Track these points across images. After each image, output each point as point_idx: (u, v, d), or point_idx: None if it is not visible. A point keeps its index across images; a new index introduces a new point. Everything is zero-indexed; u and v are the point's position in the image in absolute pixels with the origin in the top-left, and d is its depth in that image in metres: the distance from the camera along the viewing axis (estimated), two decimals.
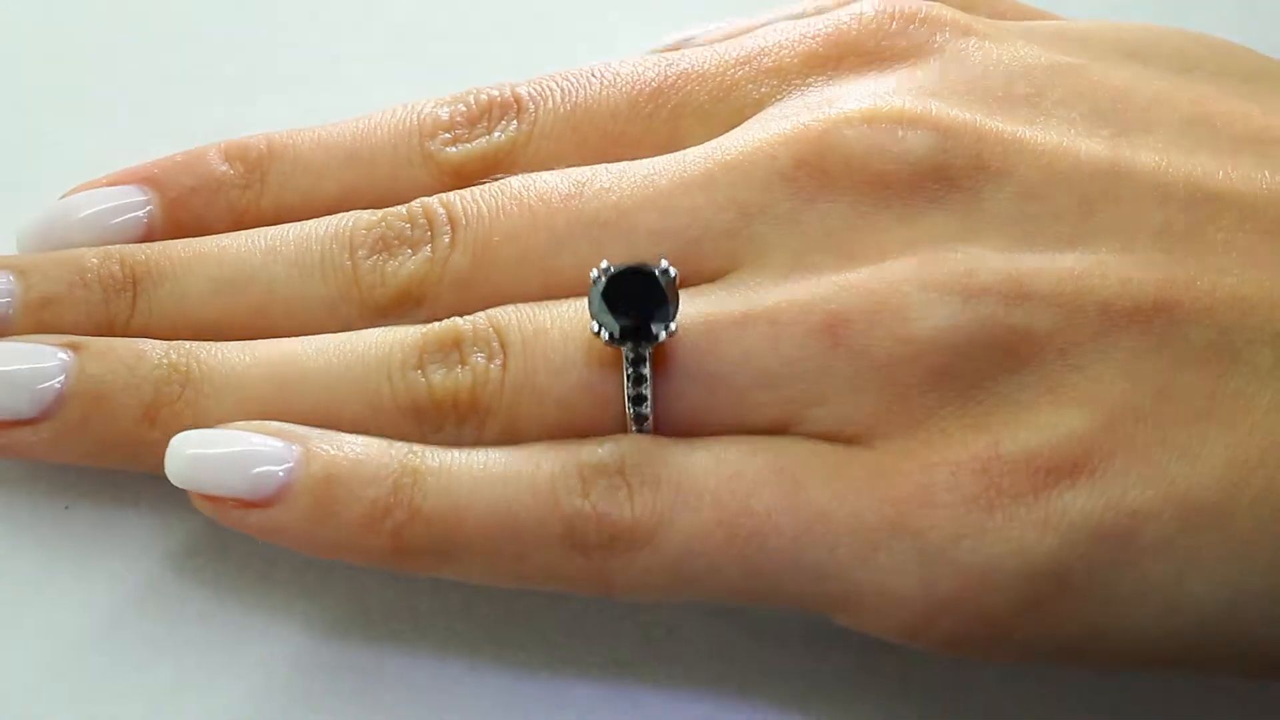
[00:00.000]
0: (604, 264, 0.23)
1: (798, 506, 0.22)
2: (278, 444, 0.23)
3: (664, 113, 0.26)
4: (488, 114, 0.27)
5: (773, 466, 0.23)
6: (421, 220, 0.25)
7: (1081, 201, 0.23)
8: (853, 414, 0.23)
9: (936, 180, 0.23)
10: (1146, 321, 0.22)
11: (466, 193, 0.25)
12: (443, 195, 0.26)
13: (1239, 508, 0.21)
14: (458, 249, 0.25)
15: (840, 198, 0.23)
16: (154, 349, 0.24)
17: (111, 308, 0.25)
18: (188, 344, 0.25)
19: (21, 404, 0.24)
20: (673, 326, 0.22)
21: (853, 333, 0.22)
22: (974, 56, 0.25)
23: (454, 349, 0.24)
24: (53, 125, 0.30)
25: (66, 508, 0.26)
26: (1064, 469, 0.22)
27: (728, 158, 0.24)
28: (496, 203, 0.25)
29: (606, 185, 0.25)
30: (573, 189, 0.25)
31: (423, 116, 0.27)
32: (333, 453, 0.23)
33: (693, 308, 0.23)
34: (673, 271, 0.23)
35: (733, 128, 0.25)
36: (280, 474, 0.23)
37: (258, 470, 0.23)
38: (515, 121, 0.26)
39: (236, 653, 0.25)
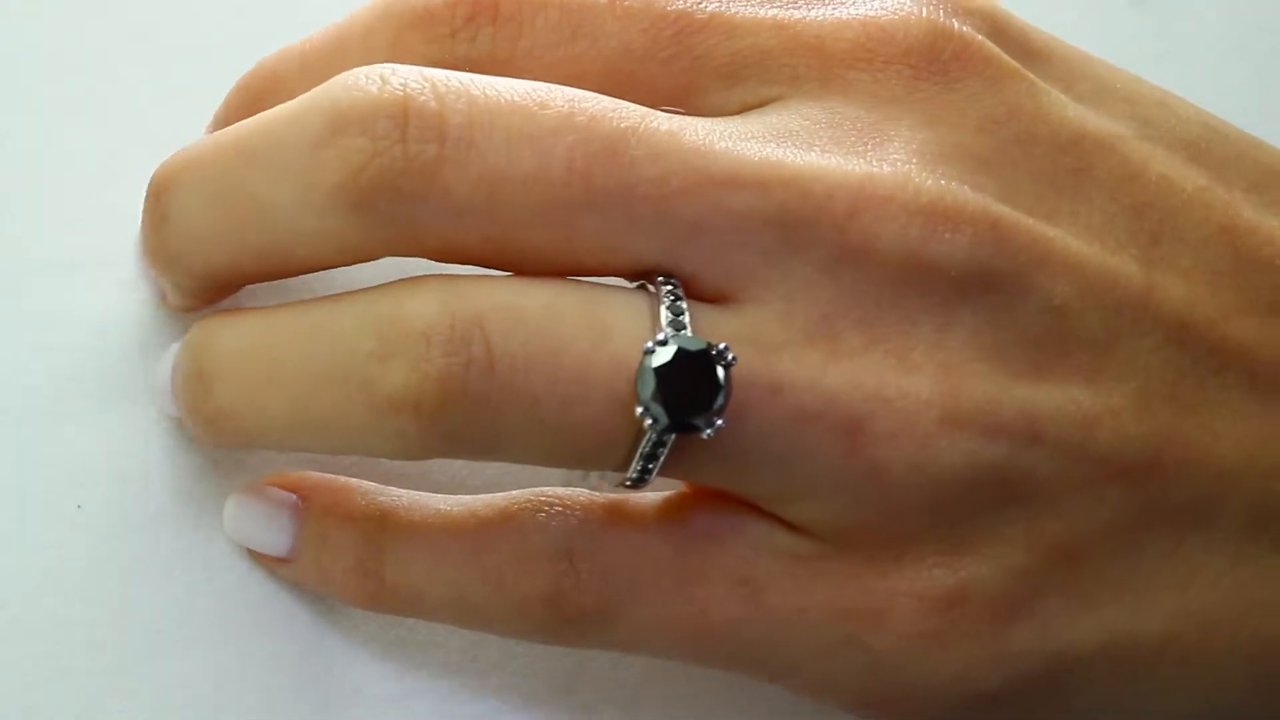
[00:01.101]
0: (660, 335, 0.21)
1: (754, 617, 0.23)
2: (283, 503, 0.25)
3: (684, 60, 0.23)
4: (453, 13, 0.23)
5: (736, 575, 0.23)
6: (399, 116, 0.21)
7: (1108, 330, 0.23)
8: (843, 518, 0.23)
9: (979, 282, 0.22)
10: (1137, 479, 0.23)
11: (479, 91, 0.22)
12: (446, 84, 0.21)
13: (1166, 660, 0.23)
14: (455, 168, 0.21)
15: (882, 269, 0.22)
16: (185, 341, 0.25)
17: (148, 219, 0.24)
18: (202, 332, 0.24)
19: None
20: (720, 424, 0.21)
21: (872, 444, 0.22)
22: (1025, 106, 0.24)
23: (421, 341, 0.21)
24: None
25: (79, 507, 0.26)
26: (1022, 611, 0.23)
27: (784, 172, 0.22)
28: (518, 125, 0.21)
29: (655, 149, 0.22)
30: (617, 138, 0.21)
31: (390, 15, 0.24)
32: (317, 515, 0.25)
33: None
34: (731, 356, 0.21)
35: (759, 97, 0.23)
36: (286, 538, 0.25)
37: (269, 534, 0.25)
38: (492, 31, 0.23)
39: (246, 650, 0.25)
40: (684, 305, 0.22)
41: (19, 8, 0.29)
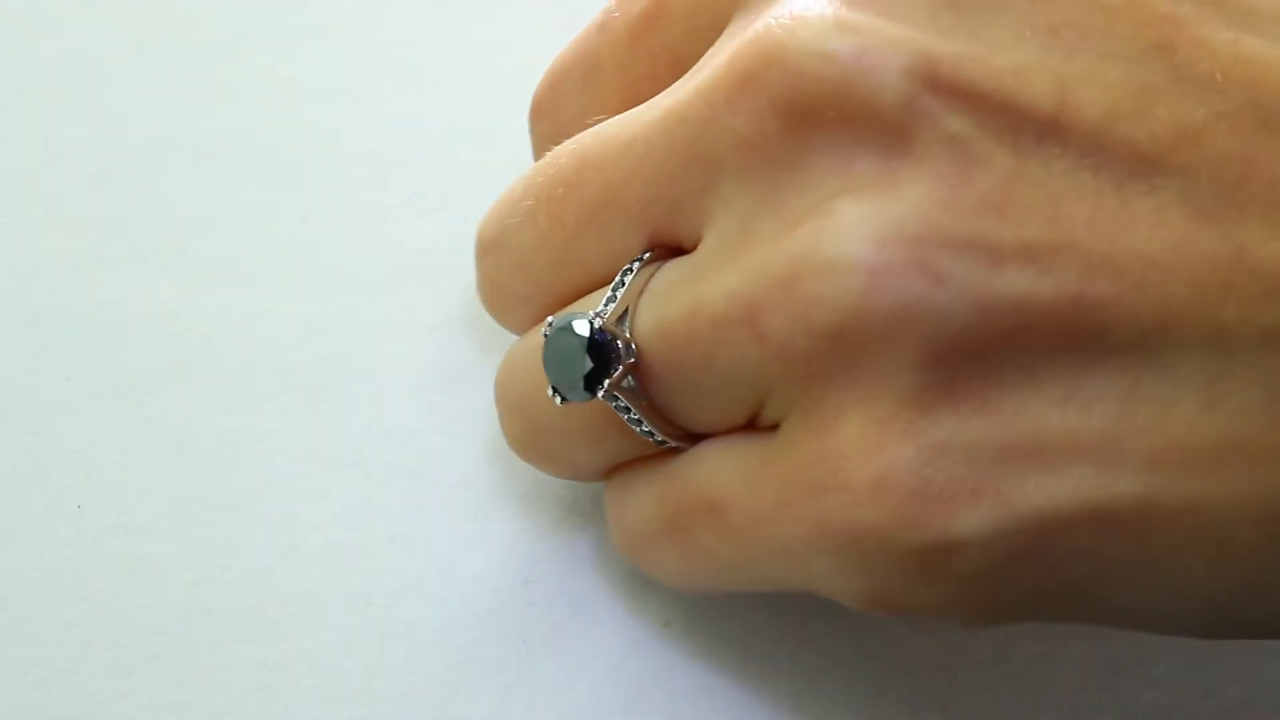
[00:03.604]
0: (549, 320, 0.23)
1: (727, 534, 0.22)
2: None
3: (660, 43, 0.24)
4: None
5: (699, 504, 0.23)
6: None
7: (1013, 155, 0.20)
8: (783, 408, 0.21)
9: (864, 114, 0.20)
10: (1063, 318, 0.20)
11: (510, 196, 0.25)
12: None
13: (1155, 522, 0.20)
14: (494, 269, 0.26)
15: (777, 146, 0.21)
16: None
17: None
18: None
19: None
20: (605, 385, 0.22)
21: (770, 325, 0.20)
22: None
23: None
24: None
25: (79, 507, 0.26)
26: (976, 491, 0.20)
27: (678, 109, 0.22)
28: (523, 209, 0.25)
29: (599, 165, 0.23)
30: (569, 175, 0.24)
31: None
32: None
33: (654, 307, 0.22)
34: (598, 323, 0.22)
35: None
36: None
37: None
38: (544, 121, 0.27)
39: (246, 650, 0.25)
40: (628, 277, 0.23)
41: (19, 8, 0.29)
